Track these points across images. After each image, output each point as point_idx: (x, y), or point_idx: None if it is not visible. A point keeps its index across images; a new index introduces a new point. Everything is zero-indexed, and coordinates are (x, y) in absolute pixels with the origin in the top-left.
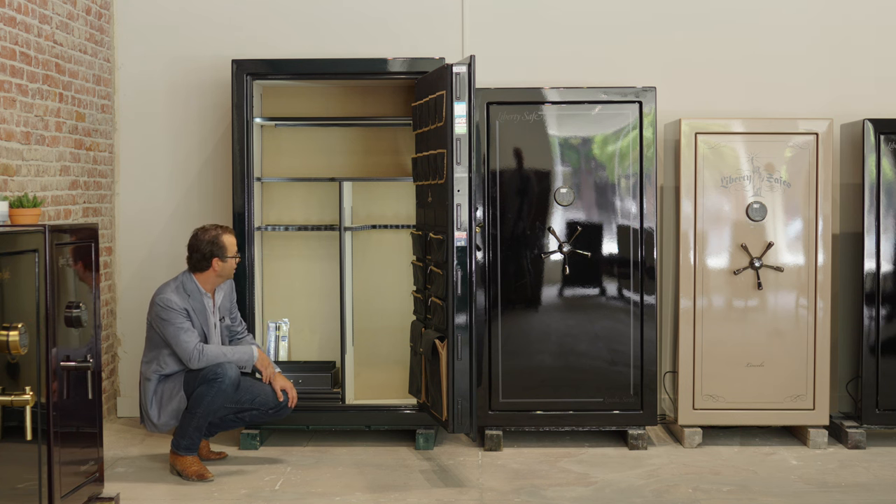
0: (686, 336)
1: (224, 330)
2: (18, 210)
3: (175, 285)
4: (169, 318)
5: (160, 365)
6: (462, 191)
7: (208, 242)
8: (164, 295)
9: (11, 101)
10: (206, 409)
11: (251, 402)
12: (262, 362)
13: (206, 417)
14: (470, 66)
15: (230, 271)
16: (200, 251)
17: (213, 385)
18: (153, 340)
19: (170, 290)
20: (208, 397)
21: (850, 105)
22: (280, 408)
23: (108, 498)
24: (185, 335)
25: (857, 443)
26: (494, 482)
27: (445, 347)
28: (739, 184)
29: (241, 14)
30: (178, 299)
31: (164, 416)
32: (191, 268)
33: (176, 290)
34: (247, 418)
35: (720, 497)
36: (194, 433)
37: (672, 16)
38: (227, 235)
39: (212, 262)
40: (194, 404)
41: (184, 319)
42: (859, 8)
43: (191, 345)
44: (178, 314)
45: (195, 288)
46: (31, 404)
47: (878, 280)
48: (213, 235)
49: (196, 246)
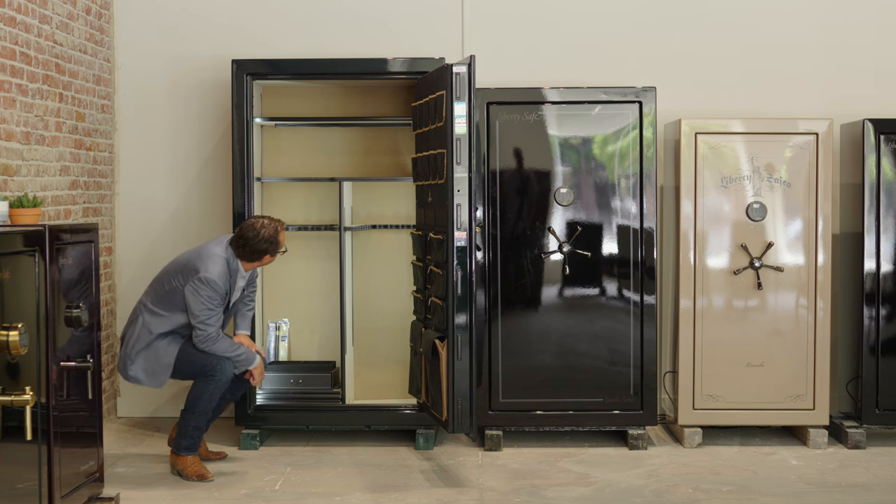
0: (686, 336)
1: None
2: (18, 210)
3: (223, 264)
4: (204, 295)
5: (169, 324)
6: (462, 191)
7: (266, 241)
8: (211, 275)
9: (11, 101)
10: (205, 407)
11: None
12: (259, 370)
13: (205, 415)
14: (470, 66)
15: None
16: (255, 247)
17: (210, 382)
18: (173, 300)
19: (218, 270)
20: (206, 394)
21: (850, 105)
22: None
23: (108, 498)
24: (211, 319)
25: (857, 443)
26: (494, 482)
27: (445, 347)
28: (739, 184)
29: (241, 14)
30: (222, 283)
31: (143, 371)
32: (237, 253)
33: (222, 273)
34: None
35: (720, 497)
36: (194, 433)
37: (672, 16)
38: (283, 233)
39: (263, 258)
40: (192, 403)
41: (218, 303)
42: (859, 8)
43: (211, 329)
44: (215, 297)
45: (238, 268)
46: (31, 404)
47: (878, 280)
48: (272, 234)
49: (253, 241)
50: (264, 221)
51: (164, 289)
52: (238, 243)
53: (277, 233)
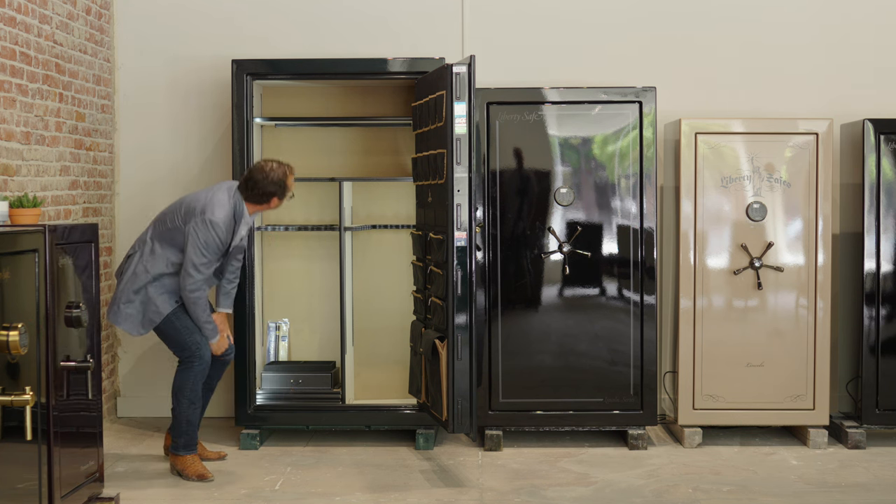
0: (686, 336)
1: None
2: (18, 210)
3: (229, 210)
4: (202, 238)
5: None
6: (462, 191)
7: (274, 183)
8: (216, 218)
9: (11, 101)
10: (190, 396)
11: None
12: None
13: (193, 406)
14: (470, 66)
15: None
16: (264, 189)
17: (189, 369)
18: (173, 237)
19: (223, 214)
20: (188, 382)
21: (850, 105)
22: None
23: (108, 498)
24: (203, 266)
25: (857, 443)
26: (494, 482)
27: (445, 347)
28: (739, 184)
29: (241, 13)
30: (224, 228)
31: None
32: (245, 196)
33: (226, 219)
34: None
35: (720, 497)
36: (188, 428)
37: (672, 15)
38: (291, 177)
39: (271, 201)
40: (176, 394)
41: (214, 250)
42: (859, 7)
43: (200, 277)
44: (214, 242)
45: (243, 212)
46: (31, 404)
47: (878, 280)
48: (281, 177)
49: (262, 183)
50: (273, 165)
51: (166, 226)
52: (247, 185)
53: (286, 176)
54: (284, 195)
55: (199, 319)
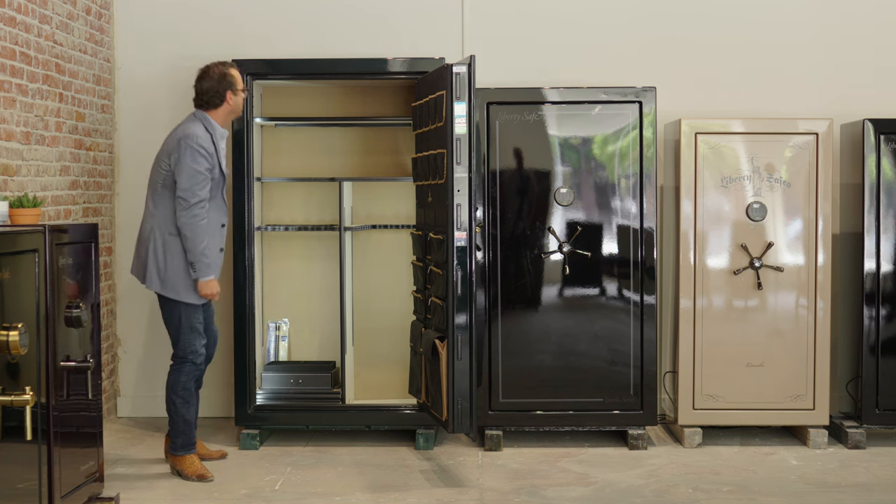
0: (686, 336)
1: None
2: (18, 210)
3: (200, 127)
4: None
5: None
6: (462, 191)
7: (220, 75)
8: (192, 131)
9: (11, 101)
10: (184, 395)
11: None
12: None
13: (188, 405)
14: (470, 66)
15: (240, 107)
16: (214, 90)
17: (180, 370)
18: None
19: (199, 131)
20: (181, 380)
21: (850, 105)
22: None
23: (108, 498)
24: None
25: (857, 443)
26: (494, 482)
27: (445, 347)
28: (739, 184)
29: (241, 13)
30: (205, 141)
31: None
32: (202, 105)
33: (203, 133)
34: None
35: (720, 497)
36: (185, 427)
37: (672, 15)
38: (234, 69)
39: (226, 96)
40: (169, 393)
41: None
42: (859, 6)
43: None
44: (199, 154)
45: (214, 126)
46: (31, 404)
47: (878, 280)
48: (222, 71)
49: (208, 83)
50: (211, 65)
51: (159, 185)
52: (201, 97)
53: (227, 68)
54: (235, 88)
55: (195, 250)
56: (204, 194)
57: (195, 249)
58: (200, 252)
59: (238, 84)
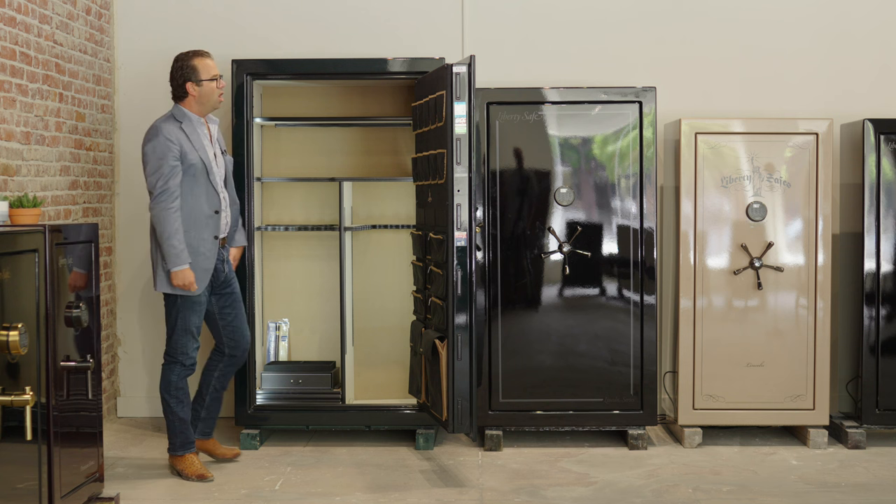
0: (686, 336)
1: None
2: (18, 210)
3: (167, 116)
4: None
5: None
6: (462, 191)
7: (179, 67)
8: (156, 123)
9: (11, 101)
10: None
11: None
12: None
13: (182, 404)
14: (470, 66)
15: (212, 96)
16: (175, 78)
17: (171, 371)
18: None
19: (166, 121)
20: (173, 379)
21: (850, 105)
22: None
23: (108, 498)
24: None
25: (857, 443)
26: (494, 482)
27: (445, 347)
28: (739, 184)
29: (241, 13)
30: (167, 132)
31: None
32: (174, 97)
33: (165, 121)
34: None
35: (720, 497)
36: (181, 426)
37: (672, 16)
38: (198, 58)
39: (186, 87)
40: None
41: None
42: (859, 6)
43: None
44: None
45: (184, 114)
46: (31, 404)
47: (878, 280)
48: (184, 59)
49: (171, 74)
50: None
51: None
52: (172, 87)
53: (189, 59)
54: (196, 77)
55: (162, 240)
56: (169, 185)
57: (162, 239)
58: (167, 242)
59: (201, 73)
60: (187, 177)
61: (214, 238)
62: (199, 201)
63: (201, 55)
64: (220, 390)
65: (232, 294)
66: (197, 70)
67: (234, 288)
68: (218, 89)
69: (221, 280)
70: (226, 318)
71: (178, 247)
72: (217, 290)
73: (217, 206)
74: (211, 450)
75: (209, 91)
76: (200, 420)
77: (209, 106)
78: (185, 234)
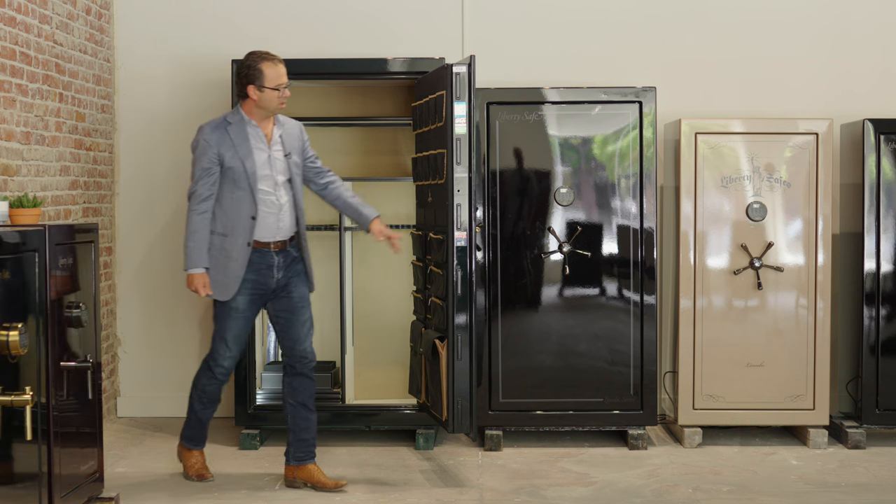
0: (686, 336)
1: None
2: (18, 210)
3: (220, 119)
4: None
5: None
6: (462, 191)
7: (246, 67)
8: (203, 125)
9: (11, 101)
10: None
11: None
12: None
13: (202, 404)
14: (470, 66)
15: (271, 103)
16: (238, 76)
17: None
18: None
19: (213, 121)
20: (201, 381)
21: (850, 105)
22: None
23: (108, 498)
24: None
25: (857, 443)
26: (494, 482)
27: (445, 347)
28: (739, 184)
29: (241, 13)
30: (211, 130)
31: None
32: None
33: (214, 121)
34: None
35: (720, 497)
36: (196, 423)
37: (672, 15)
38: (267, 63)
39: (248, 90)
40: (193, 384)
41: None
42: (859, 7)
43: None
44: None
45: (239, 117)
46: (31, 404)
47: (878, 280)
48: (253, 61)
49: (237, 70)
50: (255, 51)
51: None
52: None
53: (256, 61)
54: (260, 84)
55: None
56: (197, 188)
57: (185, 241)
58: (186, 243)
59: (266, 80)
60: (227, 180)
61: (247, 245)
62: (238, 206)
63: (271, 60)
64: (296, 405)
65: (288, 299)
66: (263, 76)
67: (292, 294)
68: (279, 98)
69: (274, 287)
70: (280, 325)
71: (194, 249)
72: (274, 297)
73: (254, 213)
74: (309, 476)
75: (270, 98)
76: (291, 443)
77: (266, 112)
78: (221, 238)
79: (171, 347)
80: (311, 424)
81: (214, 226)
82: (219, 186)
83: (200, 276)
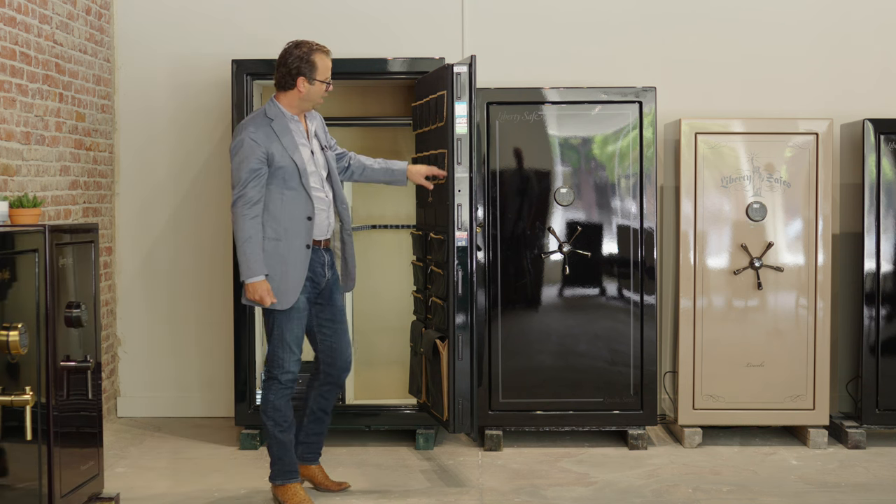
0: (686, 336)
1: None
2: (18, 210)
3: (258, 112)
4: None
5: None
6: (463, 191)
7: (297, 58)
8: (244, 123)
9: (11, 101)
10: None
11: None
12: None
13: (280, 428)
14: (470, 66)
15: (317, 96)
16: (287, 65)
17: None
18: None
19: (255, 119)
20: (270, 401)
21: (851, 105)
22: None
23: (108, 498)
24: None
25: (857, 443)
26: (494, 482)
27: (446, 347)
28: (739, 184)
29: (241, 13)
30: (255, 127)
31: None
32: (276, 84)
33: (254, 118)
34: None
35: (720, 497)
36: (280, 452)
37: (672, 15)
38: (320, 55)
39: (297, 81)
40: (262, 413)
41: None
42: (859, 7)
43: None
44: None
45: (278, 111)
46: (31, 404)
47: (878, 280)
48: (305, 51)
49: (284, 59)
50: (302, 40)
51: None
52: (278, 72)
53: (312, 52)
54: (312, 75)
55: (237, 244)
56: (246, 190)
57: (237, 247)
58: (240, 250)
59: (318, 73)
60: (276, 180)
61: (306, 247)
62: (291, 206)
63: (324, 52)
64: (318, 412)
65: (332, 306)
66: (316, 68)
67: (335, 302)
68: (325, 92)
69: (322, 287)
70: (324, 333)
71: (252, 256)
72: (317, 300)
73: (310, 212)
74: (312, 477)
75: (317, 92)
76: (299, 443)
77: (309, 105)
78: (276, 243)
79: (171, 347)
80: (323, 428)
81: (263, 231)
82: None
83: (262, 284)
